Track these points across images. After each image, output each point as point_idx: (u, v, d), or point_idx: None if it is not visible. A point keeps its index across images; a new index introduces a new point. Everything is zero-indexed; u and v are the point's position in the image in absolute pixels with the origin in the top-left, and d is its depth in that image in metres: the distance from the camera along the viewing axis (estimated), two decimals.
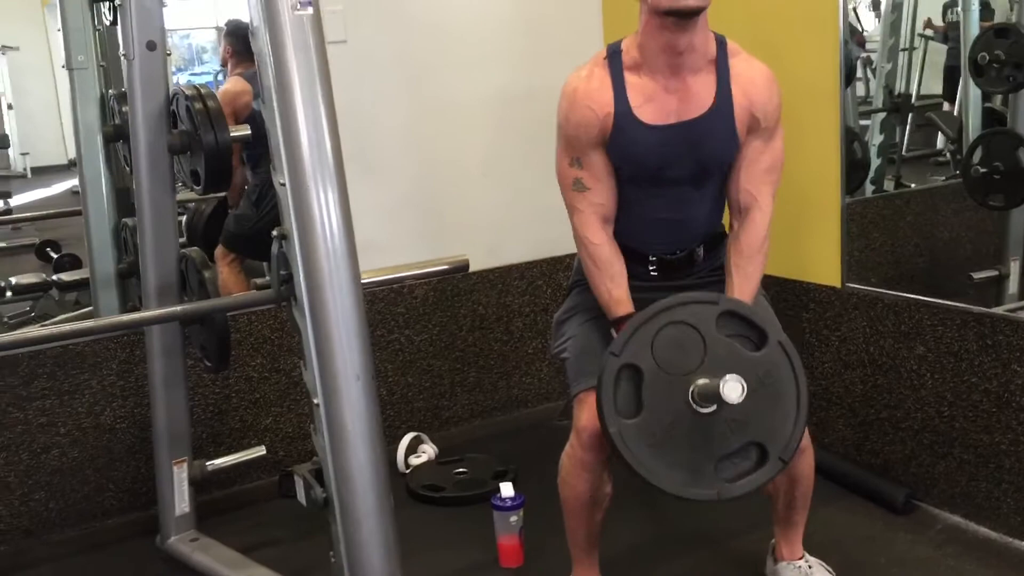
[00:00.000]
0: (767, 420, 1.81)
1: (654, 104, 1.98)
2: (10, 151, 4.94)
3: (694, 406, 1.78)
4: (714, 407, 1.77)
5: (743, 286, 2.03)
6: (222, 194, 3.24)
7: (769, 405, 1.82)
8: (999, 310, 2.45)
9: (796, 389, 1.84)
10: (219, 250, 3.21)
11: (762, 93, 2.00)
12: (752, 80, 2.00)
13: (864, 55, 3.03)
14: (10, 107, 4.77)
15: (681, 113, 1.98)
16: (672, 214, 2.07)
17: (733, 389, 1.67)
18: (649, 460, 1.78)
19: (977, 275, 2.67)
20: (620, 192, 2.07)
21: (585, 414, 1.98)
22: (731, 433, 1.80)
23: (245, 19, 1.96)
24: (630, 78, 1.99)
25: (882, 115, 3.09)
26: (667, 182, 2.02)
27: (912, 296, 2.56)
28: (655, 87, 1.98)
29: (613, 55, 2.01)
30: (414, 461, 3.09)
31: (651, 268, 2.13)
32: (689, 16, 1.88)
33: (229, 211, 3.28)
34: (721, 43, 2.00)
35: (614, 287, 2.05)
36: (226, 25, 3.36)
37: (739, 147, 2.02)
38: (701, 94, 1.98)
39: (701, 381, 1.77)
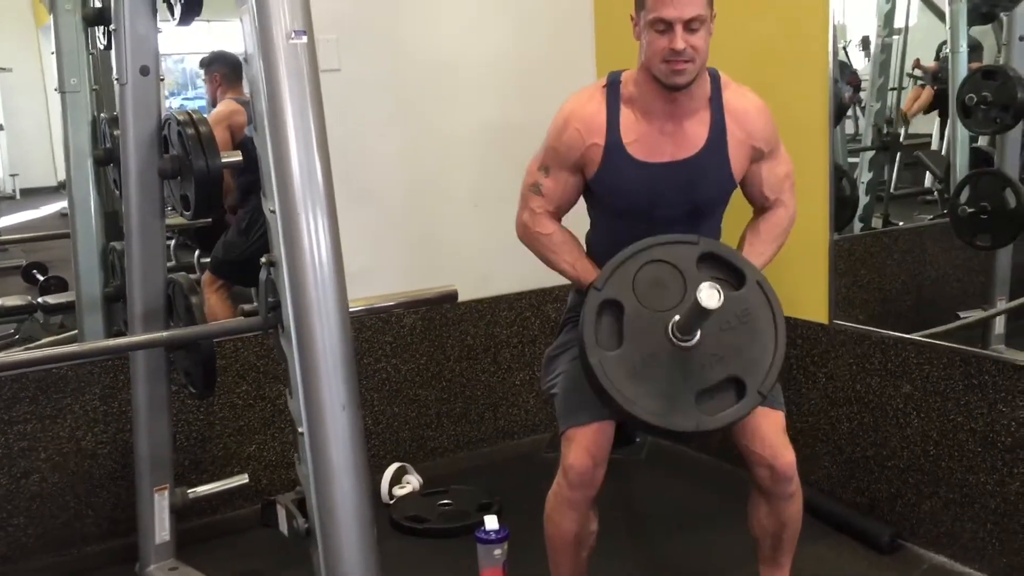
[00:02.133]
0: (745, 355, 1.84)
1: (647, 143, 1.99)
2: None
3: (674, 339, 1.81)
4: (694, 340, 1.79)
5: (750, 257, 2.05)
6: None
7: (747, 341, 1.85)
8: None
9: (774, 326, 1.87)
10: (207, 276, 3.20)
11: (757, 123, 2.04)
12: (745, 111, 2.03)
13: (850, 93, 3.05)
14: (1, 128, 4.77)
15: (675, 153, 2.00)
16: None
17: (710, 296, 1.69)
18: (629, 390, 1.81)
19: (964, 314, 2.68)
20: (613, 228, 2.09)
21: (574, 452, 1.97)
22: (710, 367, 1.82)
23: (236, 47, 1.96)
24: (625, 112, 2.01)
25: (871, 153, 3.11)
26: (659, 219, 2.03)
27: (899, 334, 2.56)
28: (649, 129, 2.00)
29: (612, 85, 2.03)
30: (398, 492, 3.06)
31: None
32: (678, 90, 1.93)
33: (226, 221, 3.26)
34: (715, 77, 2.03)
35: (576, 261, 2.10)
36: (203, 61, 3.37)
37: (734, 185, 2.05)
38: (695, 134, 2.00)
39: (679, 315, 1.80)
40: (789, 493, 1.99)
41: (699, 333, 1.82)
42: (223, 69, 3.28)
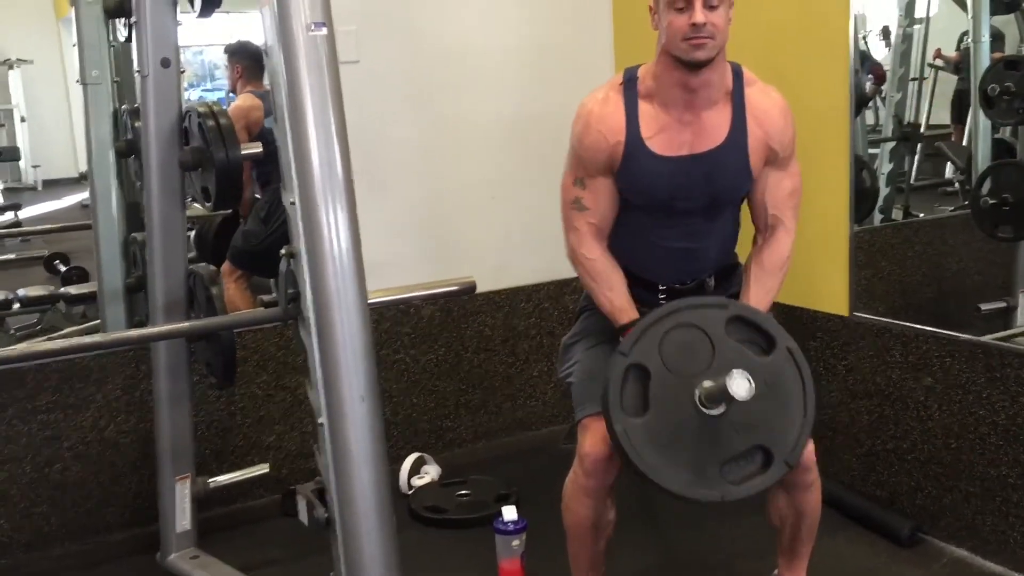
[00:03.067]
0: (773, 424, 1.82)
1: (667, 135, 1.98)
2: (21, 163, 4.97)
3: (701, 407, 1.78)
4: (721, 409, 1.77)
5: (759, 298, 2.04)
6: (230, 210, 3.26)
7: (776, 409, 1.82)
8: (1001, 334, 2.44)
9: (803, 394, 1.84)
10: (226, 266, 3.22)
11: (777, 124, 2.01)
12: (767, 112, 2.00)
13: (871, 83, 3.03)
14: (23, 120, 4.81)
15: (694, 146, 1.98)
16: (684, 244, 2.07)
17: (740, 385, 1.67)
18: (654, 459, 1.79)
19: (985, 306, 2.67)
20: (631, 221, 2.07)
21: (589, 440, 1.98)
22: (737, 436, 1.80)
23: (257, 39, 1.97)
24: (644, 107, 1.99)
25: (891, 144, 3.09)
26: (679, 213, 2.02)
27: (920, 327, 2.55)
28: (668, 119, 1.98)
29: (629, 81, 2.01)
30: (417, 482, 3.07)
31: (660, 296, 2.13)
32: (699, 67, 1.90)
33: (240, 221, 3.28)
34: (737, 73, 2.00)
35: (615, 296, 2.06)
36: (227, 48, 3.38)
37: (752, 180, 2.03)
38: (715, 127, 1.98)
39: (707, 382, 1.77)
40: (808, 483, 1.99)
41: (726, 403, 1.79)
42: (245, 62, 3.29)
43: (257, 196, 3.29)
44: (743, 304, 1.96)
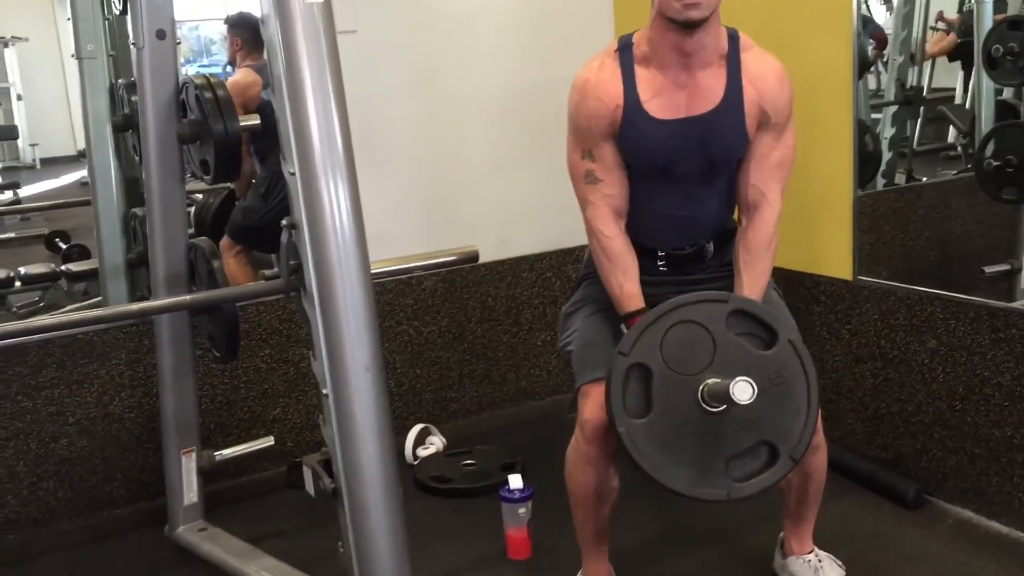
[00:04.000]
0: (777, 419, 1.81)
1: (663, 98, 1.96)
2: (19, 142, 4.96)
3: (703, 405, 1.77)
4: (724, 406, 1.76)
5: (752, 284, 2.02)
6: (230, 185, 3.24)
7: (779, 404, 1.81)
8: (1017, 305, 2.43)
9: (807, 388, 1.83)
10: (225, 241, 3.21)
11: (772, 88, 1.98)
12: (763, 75, 1.98)
13: (873, 47, 3.00)
14: (19, 98, 4.79)
15: (690, 108, 1.97)
16: (681, 210, 2.06)
17: (743, 391, 1.66)
18: (658, 459, 1.78)
19: (989, 269, 2.66)
20: (630, 187, 2.06)
21: (588, 407, 1.98)
22: (741, 432, 1.79)
23: (252, 10, 1.95)
24: (640, 71, 1.98)
25: (894, 108, 3.07)
26: (676, 177, 2.01)
27: (924, 289, 2.54)
28: (664, 81, 1.96)
29: (624, 48, 2.00)
30: (422, 453, 3.08)
31: (660, 263, 2.12)
32: (691, 27, 1.87)
33: (236, 203, 3.27)
34: (733, 37, 1.98)
35: (626, 282, 2.03)
36: (227, 19, 3.34)
37: (748, 143, 2.01)
38: (711, 89, 1.96)
39: (711, 380, 1.76)
40: (814, 446, 1.98)
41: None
42: (244, 34, 3.26)
43: (260, 173, 3.27)
44: (743, 298, 1.94)
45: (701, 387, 1.77)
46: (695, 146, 1.98)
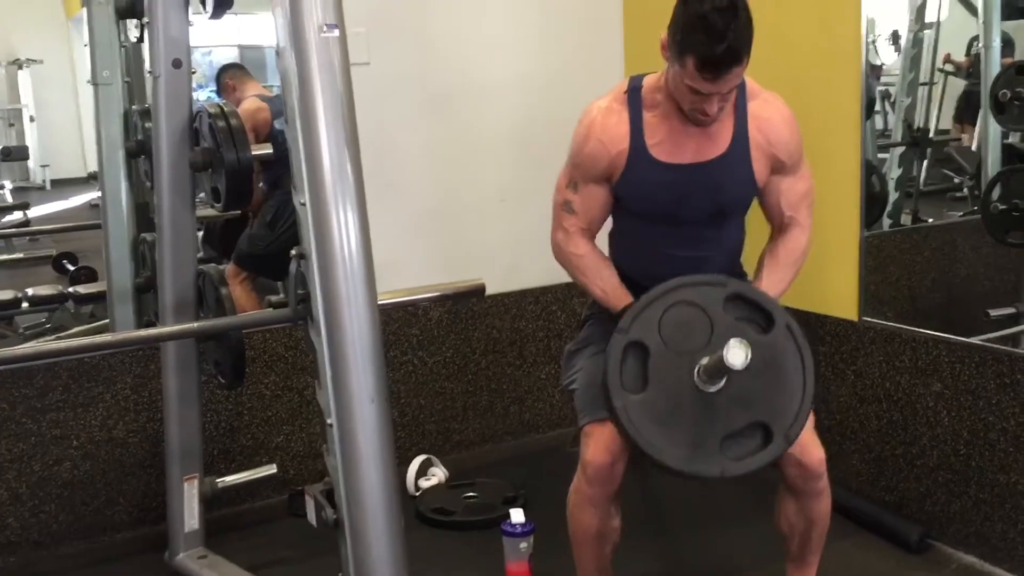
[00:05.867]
0: (772, 400, 1.82)
1: (671, 143, 1.98)
2: (30, 163, 4.98)
3: (699, 384, 1.79)
4: (720, 384, 1.78)
5: (770, 286, 2.03)
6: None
7: (775, 386, 1.82)
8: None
9: (802, 371, 1.84)
10: (231, 268, 3.22)
11: (781, 134, 2.00)
12: (769, 120, 1.99)
13: (882, 88, 3.03)
14: (32, 119, 4.82)
15: (698, 154, 1.98)
16: (689, 253, 2.07)
17: (737, 355, 1.66)
18: (653, 436, 1.79)
19: (994, 312, 2.66)
20: (636, 230, 2.08)
21: (592, 448, 1.97)
22: (736, 412, 1.80)
23: (262, 39, 1.98)
24: (648, 116, 1.99)
25: (900, 149, 3.08)
26: (684, 222, 2.02)
27: (930, 332, 2.54)
28: (672, 128, 1.98)
29: (634, 90, 2.00)
30: (424, 484, 3.07)
31: None
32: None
33: (249, 223, 3.29)
34: (740, 85, 1.98)
35: (607, 285, 2.07)
36: (217, 74, 3.39)
37: (757, 189, 2.03)
38: (719, 136, 1.98)
39: (706, 358, 1.78)
40: (818, 491, 1.98)
41: (725, 378, 1.79)
42: (231, 71, 3.32)
43: (267, 202, 3.29)
44: (742, 282, 1.96)
45: (697, 366, 1.79)
46: (703, 191, 1.99)
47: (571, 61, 3.32)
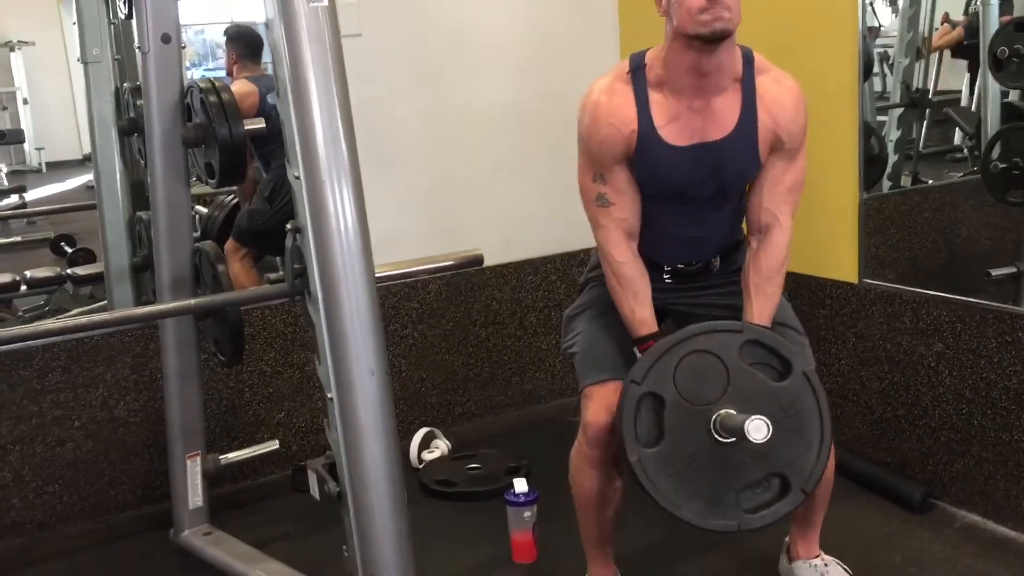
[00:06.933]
0: (789, 451, 1.81)
1: (678, 124, 1.93)
2: (25, 146, 4.96)
3: (716, 436, 1.77)
4: (736, 438, 1.75)
5: (763, 308, 1.99)
6: (234, 189, 3.25)
7: (792, 436, 1.81)
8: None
9: (819, 421, 1.82)
10: (230, 244, 3.21)
11: (788, 114, 1.95)
12: (777, 99, 1.94)
13: (880, 50, 3.00)
14: (25, 102, 4.79)
15: (705, 133, 1.94)
16: (692, 231, 2.05)
17: (758, 429, 1.66)
18: (670, 490, 1.78)
19: (995, 272, 2.65)
20: (643, 208, 2.05)
21: (592, 409, 1.97)
22: (753, 464, 1.79)
23: (257, 15, 1.96)
24: (654, 95, 1.94)
25: (899, 111, 3.06)
26: (689, 201, 1.99)
27: (930, 292, 2.53)
28: (679, 107, 1.93)
29: (637, 70, 1.95)
30: (427, 456, 3.08)
31: (666, 276, 2.12)
32: (716, 42, 1.83)
33: (242, 207, 3.28)
34: (748, 59, 1.94)
35: (638, 306, 2.01)
36: (226, 32, 3.36)
37: (760, 168, 1.99)
38: (725, 114, 1.93)
39: (724, 411, 1.76)
40: None
41: None
42: (239, 48, 3.28)
43: (264, 177, 3.28)
44: (758, 328, 1.91)
45: (714, 417, 1.77)
46: (708, 172, 1.96)
47: (564, 30, 3.29)
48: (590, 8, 3.35)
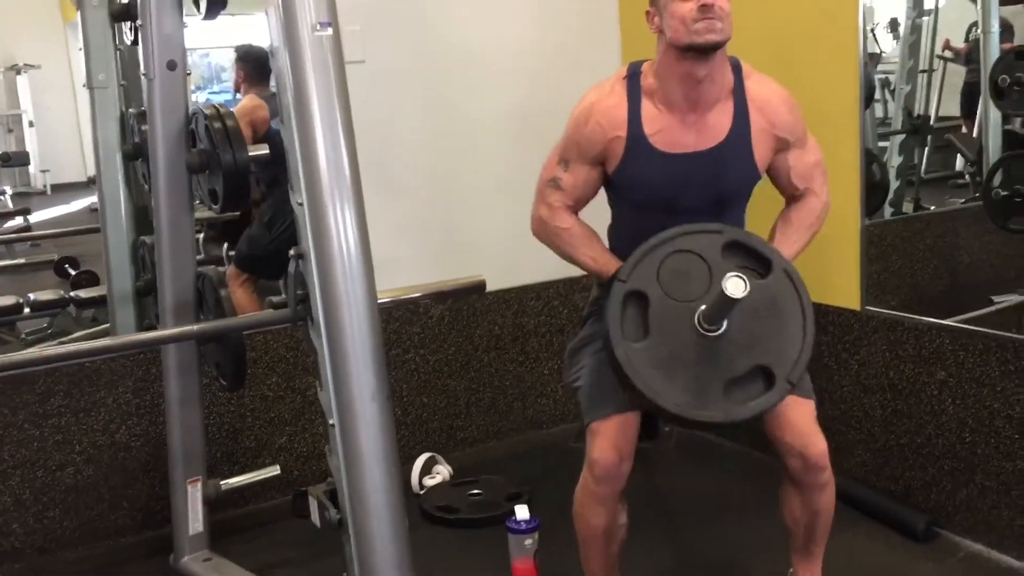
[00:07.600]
0: (773, 344, 1.82)
1: (670, 132, 1.97)
2: (30, 168, 4.98)
3: (700, 330, 1.79)
4: (721, 330, 1.78)
5: (783, 245, 2.03)
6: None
7: (775, 329, 1.83)
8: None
9: (802, 315, 1.85)
10: (231, 270, 3.22)
11: (781, 114, 2.00)
12: (768, 101, 1.99)
13: (882, 76, 3.01)
14: (31, 124, 4.81)
15: (698, 144, 1.97)
16: None
17: (736, 285, 1.67)
18: (656, 382, 1.80)
19: (997, 299, 2.65)
20: (634, 219, 2.07)
21: (598, 446, 1.96)
22: (738, 356, 1.80)
23: (262, 40, 1.97)
24: (646, 104, 1.98)
25: (901, 137, 3.07)
26: (683, 210, 2.00)
27: (933, 320, 2.53)
28: (671, 120, 1.97)
29: (633, 75, 2.00)
30: (428, 482, 3.07)
31: None
32: (709, 52, 1.88)
33: (251, 222, 3.28)
34: (736, 68, 1.99)
35: (596, 253, 2.08)
36: (237, 50, 3.39)
37: (758, 173, 2.02)
38: (718, 124, 1.97)
39: (705, 304, 1.79)
40: (822, 483, 1.97)
41: (726, 323, 1.80)
42: (248, 68, 3.30)
43: (265, 203, 3.29)
44: (738, 229, 1.96)
45: (698, 312, 1.79)
46: (703, 180, 1.98)
47: (567, 52, 3.31)
48: (592, 32, 3.37)
